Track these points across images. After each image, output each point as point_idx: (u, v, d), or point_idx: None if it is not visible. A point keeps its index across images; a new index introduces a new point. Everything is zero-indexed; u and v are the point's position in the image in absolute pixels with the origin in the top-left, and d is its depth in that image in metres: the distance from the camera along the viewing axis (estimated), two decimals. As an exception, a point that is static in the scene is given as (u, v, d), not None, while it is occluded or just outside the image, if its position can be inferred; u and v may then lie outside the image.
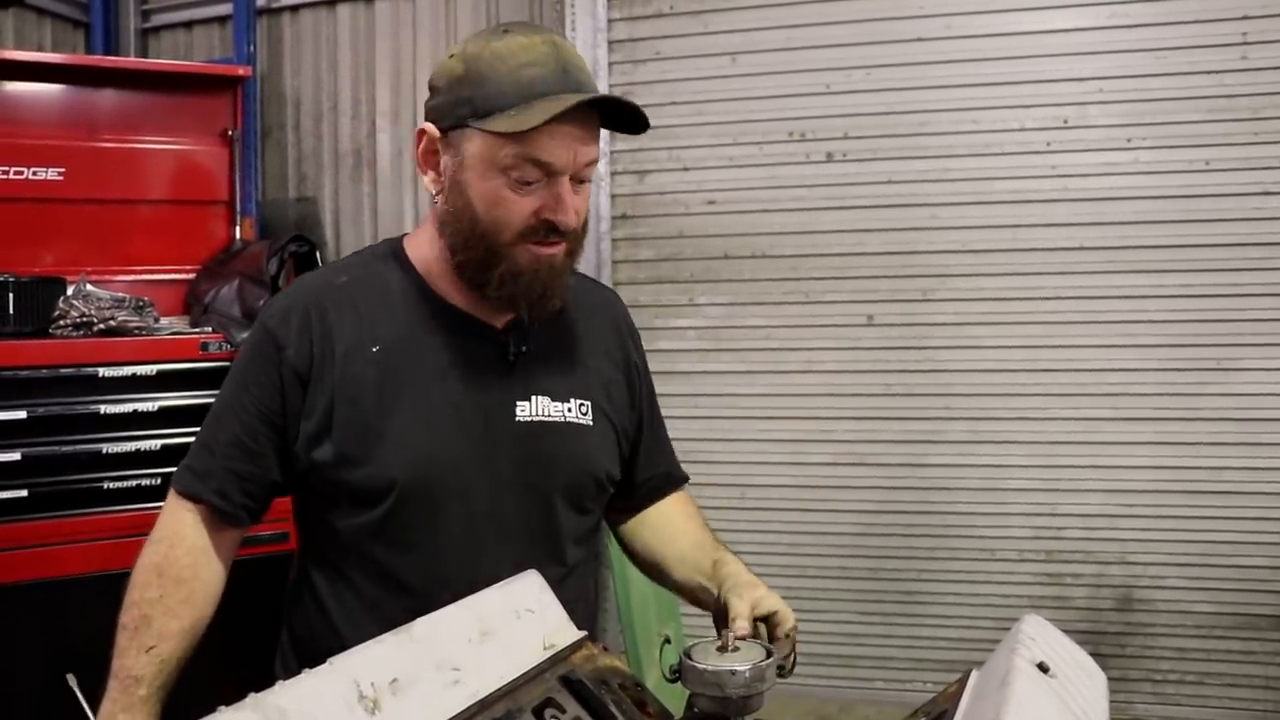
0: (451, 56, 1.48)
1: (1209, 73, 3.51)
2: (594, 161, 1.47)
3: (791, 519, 3.98)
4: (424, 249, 1.59)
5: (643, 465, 1.77)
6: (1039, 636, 1.13)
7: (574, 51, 1.47)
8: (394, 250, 1.63)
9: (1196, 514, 3.62)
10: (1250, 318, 3.54)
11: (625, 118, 1.48)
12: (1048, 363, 3.71)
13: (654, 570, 1.76)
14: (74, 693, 1.27)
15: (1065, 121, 3.65)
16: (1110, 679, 1.22)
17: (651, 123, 1.49)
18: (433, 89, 1.50)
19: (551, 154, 1.41)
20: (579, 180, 1.46)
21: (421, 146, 1.51)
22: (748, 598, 1.47)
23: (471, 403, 1.54)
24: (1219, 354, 3.57)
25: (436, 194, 1.52)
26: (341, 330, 1.53)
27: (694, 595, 1.65)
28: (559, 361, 1.62)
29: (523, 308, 1.52)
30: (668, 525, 1.78)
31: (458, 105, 1.44)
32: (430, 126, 1.49)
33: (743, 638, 1.30)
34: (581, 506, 1.64)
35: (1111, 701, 1.18)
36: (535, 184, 1.43)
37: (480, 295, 1.53)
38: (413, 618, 1.19)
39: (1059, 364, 3.70)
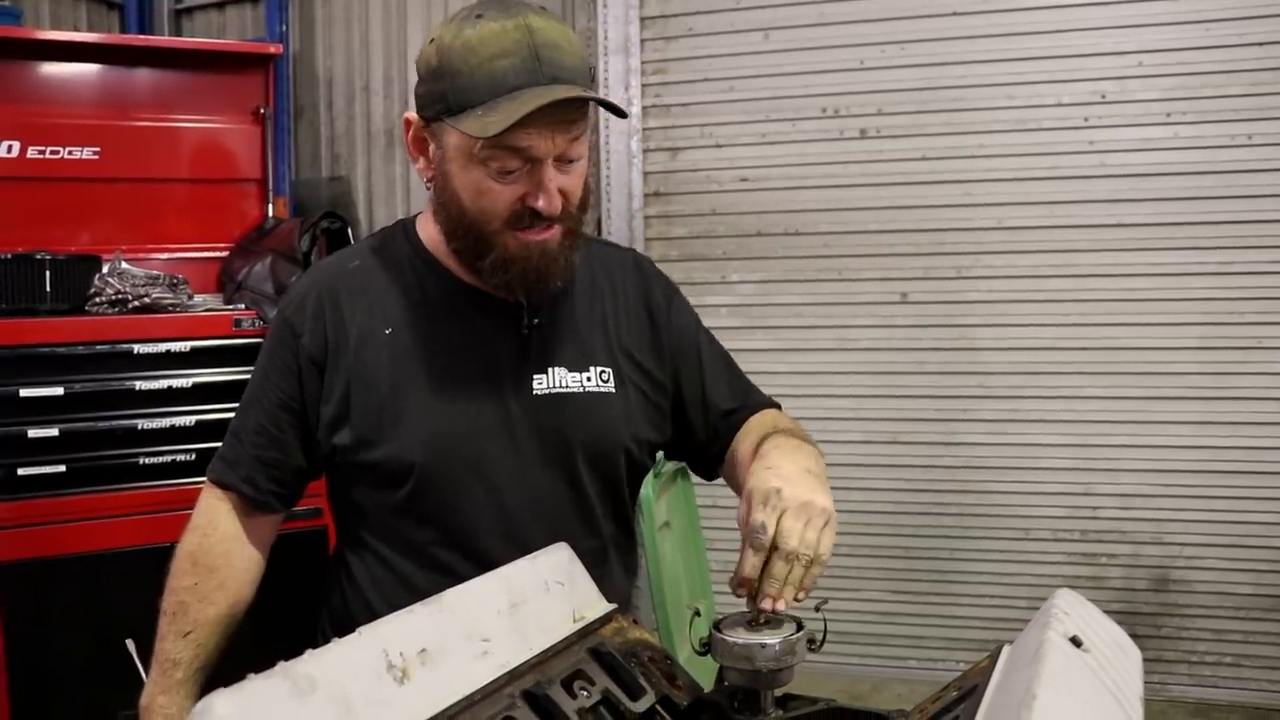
0: (430, 42, 1.43)
1: (1253, 45, 3.44)
2: (579, 140, 1.43)
3: (823, 498, 3.95)
4: (431, 228, 1.58)
5: (701, 406, 1.68)
6: (1072, 611, 1.12)
7: (552, 30, 1.40)
8: (405, 230, 1.63)
9: (1235, 494, 3.58)
10: (1292, 295, 3.48)
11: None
12: (1084, 341, 3.67)
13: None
14: (131, 657, 1.39)
15: (1104, 96, 3.59)
16: (1145, 660, 1.20)
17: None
18: (418, 76, 1.47)
19: (528, 142, 1.37)
20: (566, 160, 1.43)
21: (410, 134, 1.50)
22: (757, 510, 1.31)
23: (487, 378, 1.54)
24: (1259, 332, 3.52)
25: (428, 181, 1.52)
26: (354, 315, 1.54)
27: None
28: (576, 330, 1.60)
29: (519, 292, 1.51)
30: (740, 443, 1.64)
31: (435, 100, 1.41)
32: (413, 116, 1.48)
33: (775, 612, 1.26)
34: (611, 476, 1.62)
35: (1147, 683, 1.17)
36: (516, 171, 1.40)
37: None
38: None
39: (1095, 342, 3.66)
